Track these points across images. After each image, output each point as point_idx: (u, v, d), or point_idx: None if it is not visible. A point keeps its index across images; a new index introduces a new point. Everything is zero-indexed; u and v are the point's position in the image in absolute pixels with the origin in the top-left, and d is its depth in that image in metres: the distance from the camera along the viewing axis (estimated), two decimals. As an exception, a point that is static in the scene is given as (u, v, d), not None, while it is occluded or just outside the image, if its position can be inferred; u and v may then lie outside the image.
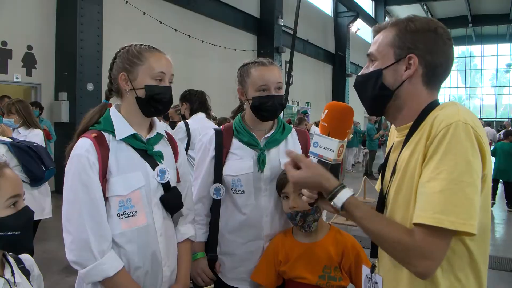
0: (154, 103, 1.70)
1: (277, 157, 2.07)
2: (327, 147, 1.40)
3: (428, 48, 1.29)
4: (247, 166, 2.03)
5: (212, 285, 2.13)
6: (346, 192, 1.28)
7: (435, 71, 1.31)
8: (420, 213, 1.14)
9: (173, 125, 5.67)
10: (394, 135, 1.49)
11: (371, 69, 1.38)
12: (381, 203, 1.39)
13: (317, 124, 9.09)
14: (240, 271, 2.07)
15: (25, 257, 1.51)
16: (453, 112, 1.19)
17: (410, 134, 1.31)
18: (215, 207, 2.10)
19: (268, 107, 2.01)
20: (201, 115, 4.08)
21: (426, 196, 1.14)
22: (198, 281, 2.10)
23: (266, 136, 2.08)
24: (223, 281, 2.11)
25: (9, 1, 8.34)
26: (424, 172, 1.17)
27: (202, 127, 3.82)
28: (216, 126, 3.91)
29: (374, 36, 1.42)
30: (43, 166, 3.68)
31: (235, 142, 2.09)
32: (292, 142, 2.15)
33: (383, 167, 1.46)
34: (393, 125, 1.49)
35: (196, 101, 4.14)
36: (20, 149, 3.58)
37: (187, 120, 4.04)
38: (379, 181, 1.57)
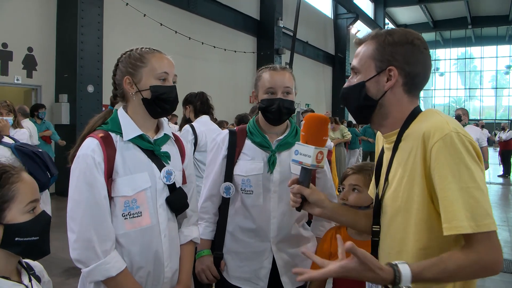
0: (161, 103, 1.72)
1: (288, 160, 2.07)
2: (305, 153, 1.52)
3: (406, 60, 1.37)
4: (258, 167, 2.06)
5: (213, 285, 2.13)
6: (404, 268, 1.18)
7: (414, 80, 1.39)
8: (445, 225, 1.21)
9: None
10: (381, 141, 1.56)
11: (355, 81, 1.45)
12: (377, 208, 1.47)
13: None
14: (244, 271, 2.09)
15: (34, 263, 1.50)
16: (442, 123, 1.27)
17: (398, 141, 1.39)
18: (224, 206, 2.13)
19: (273, 109, 2.03)
20: (205, 118, 4.08)
21: (444, 207, 1.22)
22: (202, 277, 2.11)
23: (278, 139, 2.10)
24: (227, 280, 2.12)
25: (10, 3, 8.35)
26: (435, 183, 1.24)
27: (207, 130, 3.82)
28: (219, 128, 3.94)
29: (356, 49, 1.49)
30: (48, 173, 3.58)
31: (248, 143, 2.11)
32: None
33: (375, 173, 1.53)
34: (378, 133, 1.56)
35: (198, 101, 4.15)
36: (25, 154, 3.47)
37: (192, 123, 4.04)
38: (371, 186, 1.65)
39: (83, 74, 8.98)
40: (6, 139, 3.62)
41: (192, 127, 3.88)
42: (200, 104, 4.13)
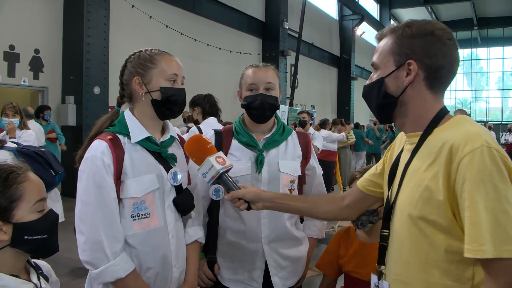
0: (170, 104, 1.73)
1: (276, 159, 2.07)
2: (208, 168, 1.64)
3: (426, 52, 1.29)
4: (245, 167, 2.04)
5: None
6: None
7: (437, 73, 1.31)
8: (467, 246, 1.14)
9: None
10: (400, 142, 1.50)
11: (374, 78, 1.40)
12: (388, 211, 1.40)
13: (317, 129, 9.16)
14: (238, 273, 2.08)
15: (42, 263, 1.51)
16: (474, 135, 1.19)
17: (419, 144, 1.31)
18: (214, 209, 2.11)
19: (255, 105, 2.02)
20: (212, 120, 4.10)
21: (467, 227, 1.14)
22: (198, 282, 2.10)
23: (265, 137, 2.08)
24: (221, 283, 2.12)
25: (17, 5, 8.40)
26: (462, 199, 1.16)
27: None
28: None
29: (376, 45, 1.44)
30: (53, 172, 3.59)
31: (234, 143, 2.10)
32: (293, 144, 2.15)
33: (391, 175, 1.45)
34: (401, 132, 1.50)
35: (207, 103, 4.17)
36: (27, 156, 3.49)
37: (199, 125, 4.06)
38: (362, 179, 1.64)
39: (90, 75, 9.01)
40: (9, 144, 3.65)
41: (199, 129, 3.90)
42: (209, 107, 4.16)
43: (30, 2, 8.62)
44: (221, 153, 1.68)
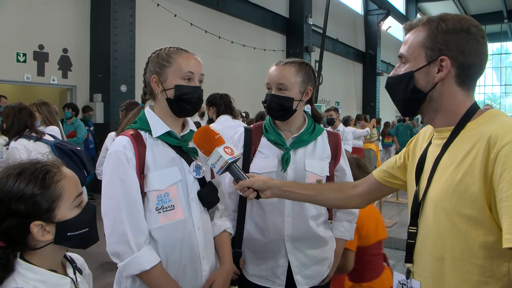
0: (183, 103, 1.75)
1: (303, 158, 2.07)
2: (217, 159, 1.65)
3: (460, 49, 1.25)
4: (271, 165, 2.05)
5: None
6: None
7: (469, 71, 1.28)
8: (507, 236, 1.08)
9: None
10: (424, 137, 1.48)
11: (402, 71, 1.35)
12: (417, 207, 1.36)
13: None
14: (261, 269, 2.10)
15: (76, 256, 1.52)
16: (511, 126, 1.17)
17: (451, 138, 1.29)
18: (241, 204, 2.13)
19: (266, 105, 2.06)
20: (224, 118, 4.15)
21: (508, 217, 1.09)
22: None
23: (293, 136, 2.09)
24: (246, 277, 2.14)
25: (45, 6, 8.60)
26: (500, 190, 1.12)
27: (223, 128, 3.87)
28: (243, 124, 3.97)
29: (405, 35, 1.40)
30: (85, 172, 3.56)
31: (263, 140, 2.12)
32: (322, 144, 2.14)
33: (418, 169, 1.41)
34: (425, 127, 1.48)
35: (222, 104, 4.23)
36: (64, 152, 3.50)
37: (210, 125, 4.12)
38: (379, 170, 1.64)
39: (116, 74, 9.17)
40: (47, 137, 3.70)
41: None
42: (224, 107, 4.23)
43: (58, 3, 8.81)
44: (229, 144, 1.69)
